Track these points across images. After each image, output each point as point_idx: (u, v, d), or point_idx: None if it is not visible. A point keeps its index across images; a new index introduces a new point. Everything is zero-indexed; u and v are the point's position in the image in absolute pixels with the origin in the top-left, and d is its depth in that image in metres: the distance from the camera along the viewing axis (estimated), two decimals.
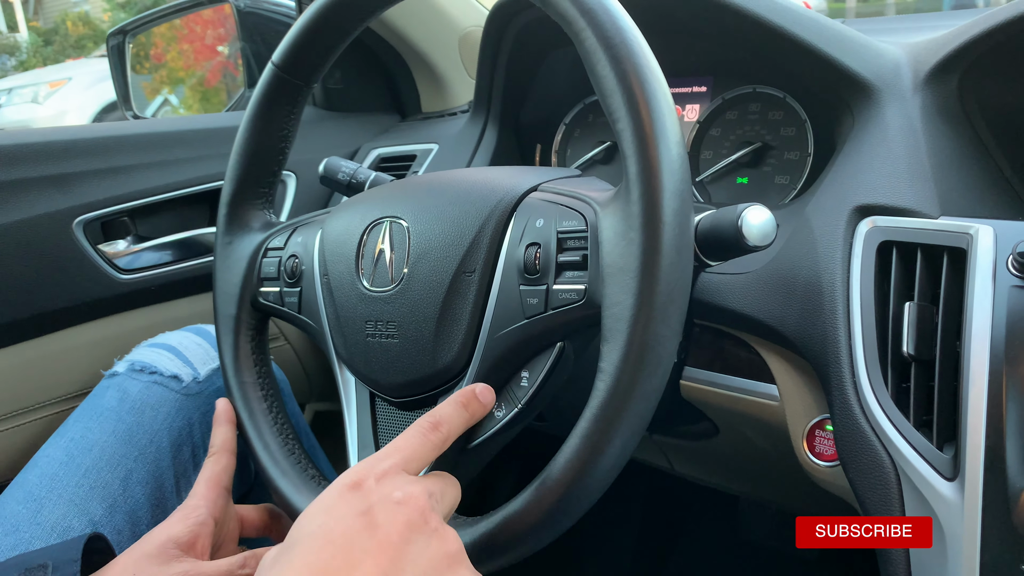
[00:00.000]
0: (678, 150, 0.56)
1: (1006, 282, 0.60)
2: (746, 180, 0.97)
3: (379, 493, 0.51)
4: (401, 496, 0.51)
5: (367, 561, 0.47)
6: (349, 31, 0.79)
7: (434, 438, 0.57)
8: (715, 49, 0.97)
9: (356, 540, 0.48)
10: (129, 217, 1.09)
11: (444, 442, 0.58)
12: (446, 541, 0.51)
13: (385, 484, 0.52)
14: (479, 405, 0.61)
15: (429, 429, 0.57)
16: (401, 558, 0.48)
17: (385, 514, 0.50)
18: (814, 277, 0.72)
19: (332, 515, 0.50)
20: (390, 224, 0.71)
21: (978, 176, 0.73)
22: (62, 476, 0.77)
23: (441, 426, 0.58)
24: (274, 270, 0.81)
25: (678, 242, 0.55)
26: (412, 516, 0.51)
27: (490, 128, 1.15)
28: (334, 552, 0.47)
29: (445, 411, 0.59)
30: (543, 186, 0.68)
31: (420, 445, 0.56)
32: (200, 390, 0.88)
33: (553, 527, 0.58)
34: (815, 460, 0.76)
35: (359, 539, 0.48)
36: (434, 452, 0.57)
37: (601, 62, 0.57)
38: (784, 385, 0.79)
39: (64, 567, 0.61)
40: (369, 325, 0.71)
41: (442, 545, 0.51)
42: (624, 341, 0.54)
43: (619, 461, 0.57)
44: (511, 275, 0.64)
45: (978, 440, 0.57)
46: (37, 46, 15.97)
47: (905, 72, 0.79)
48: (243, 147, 0.83)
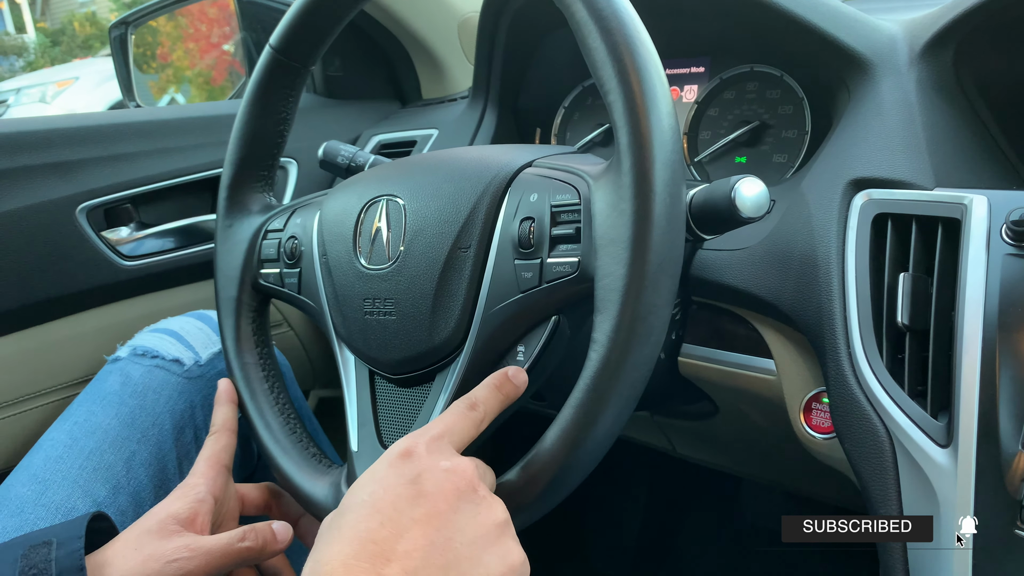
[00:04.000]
0: (669, 121, 0.56)
1: (1000, 251, 0.60)
2: (744, 159, 0.97)
3: (428, 461, 0.52)
4: (449, 465, 0.52)
5: (414, 529, 0.48)
6: (345, 12, 0.79)
7: (473, 416, 0.58)
8: (712, 29, 0.97)
9: (404, 508, 0.49)
10: (132, 204, 1.09)
11: (482, 421, 0.59)
12: (494, 510, 0.52)
13: (434, 453, 0.53)
14: (512, 386, 0.62)
15: (467, 408, 0.59)
16: (448, 526, 0.49)
17: (434, 482, 0.51)
18: (810, 251, 0.72)
19: (382, 484, 0.51)
20: (387, 202, 0.72)
21: (973, 148, 0.73)
22: (66, 458, 0.78)
23: (478, 406, 0.59)
24: (274, 252, 0.82)
25: (669, 212, 0.55)
26: (460, 484, 0.51)
27: (489, 112, 1.16)
28: (382, 520, 0.48)
29: (480, 392, 0.60)
30: (538, 162, 0.68)
31: (461, 420, 0.57)
32: (202, 373, 0.89)
33: (547, 499, 0.58)
34: (812, 433, 0.77)
35: (407, 507, 0.49)
36: (474, 429, 0.58)
37: (592, 34, 0.57)
38: (781, 359, 0.79)
39: (68, 544, 0.62)
40: (367, 303, 0.71)
41: (490, 514, 0.51)
42: (616, 311, 0.55)
43: (613, 430, 0.57)
44: (506, 250, 0.64)
45: (972, 407, 0.57)
46: (45, 47, 16.05)
47: (901, 47, 0.79)
48: (242, 130, 0.84)
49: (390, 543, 0.47)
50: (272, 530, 0.70)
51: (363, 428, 0.72)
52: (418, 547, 0.47)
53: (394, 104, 1.47)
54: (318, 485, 0.72)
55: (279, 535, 0.70)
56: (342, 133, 1.33)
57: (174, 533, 0.66)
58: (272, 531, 0.70)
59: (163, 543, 0.64)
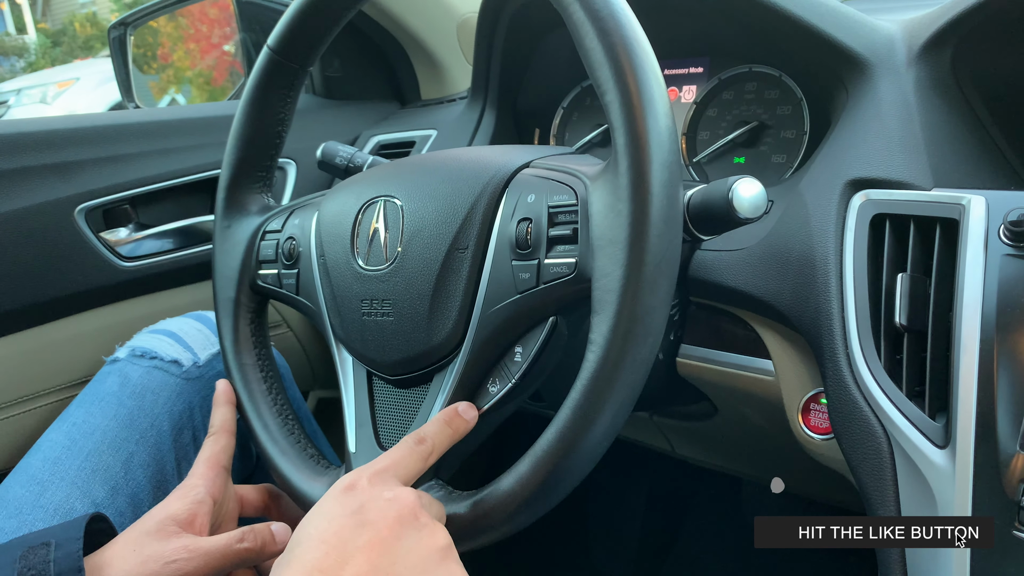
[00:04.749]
0: (666, 122, 0.56)
1: (998, 251, 0.60)
2: (743, 160, 0.96)
3: (371, 492, 0.55)
4: (392, 495, 0.55)
5: (358, 557, 0.50)
6: (343, 13, 0.79)
7: (420, 450, 0.61)
8: (710, 29, 0.97)
9: (348, 538, 0.51)
10: (131, 205, 1.09)
11: (430, 454, 0.62)
12: (436, 536, 0.54)
13: (377, 484, 0.56)
14: (462, 421, 0.64)
15: (415, 442, 0.62)
16: (391, 552, 0.51)
17: (376, 511, 0.53)
18: (808, 251, 0.72)
19: (327, 516, 0.54)
20: (384, 203, 0.72)
21: (972, 148, 0.73)
22: (64, 460, 0.78)
23: (426, 440, 0.62)
24: (272, 252, 0.82)
25: (666, 213, 0.55)
26: (402, 512, 0.54)
27: (488, 113, 1.16)
28: (327, 550, 0.51)
29: (430, 428, 0.63)
30: (535, 163, 0.68)
31: (407, 455, 0.60)
32: (200, 374, 0.89)
33: (545, 499, 0.58)
34: (810, 434, 0.77)
35: (351, 536, 0.51)
36: (421, 462, 0.61)
37: (589, 35, 0.57)
38: (779, 360, 0.79)
39: (66, 545, 0.62)
40: (365, 304, 0.71)
41: (432, 539, 0.54)
42: (613, 312, 0.55)
43: (610, 431, 0.57)
44: (503, 251, 0.64)
45: (969, 407, 0.57)
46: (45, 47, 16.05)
47: (899, 47, 0.79)
48: (240, 131, 0.84)
49: (336, 570, 0.49)
50: (271, 531, 0.70)
51: (361, 429, 0.72)
52: (363, 572, 0.49)
53: (393, 105, 1.47)
54: (316, 486, 0.72)
55: (278, 536, 0.70)
56: (341, 134, 1.33)
57: (173, 534, 0.66)
58: (271, 532, 0.70)
59: (162, 544, 0.64)
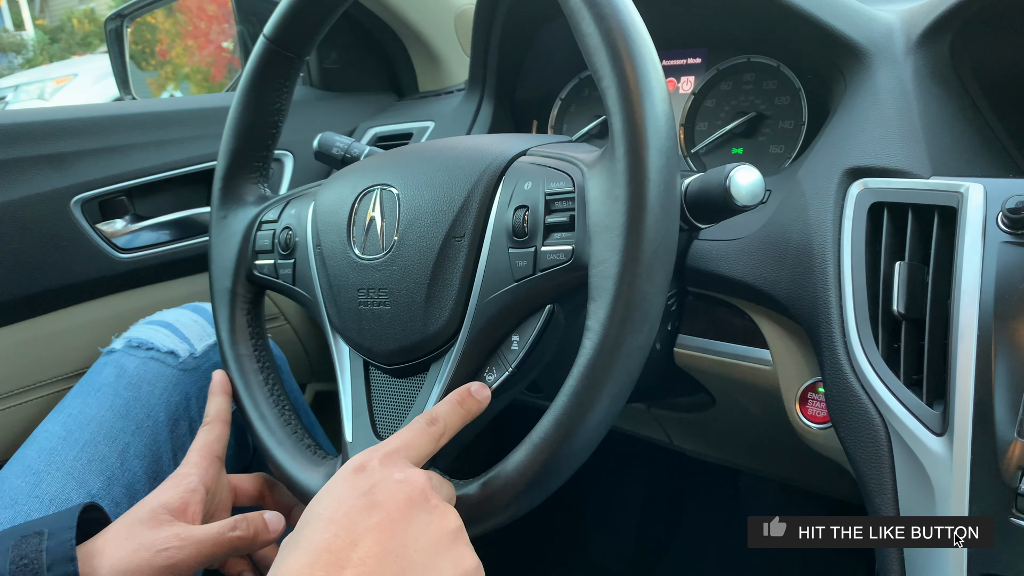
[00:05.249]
0: (663, 107, 0.56)
1: (996, 239, 0.60)
2: (741, 150, 0.96)
3: (381, 473, 0.54)
4: (402, 476, 0.54)
5: (368, 537, 0.49)
6: (340, 2, 0.79)
7: (432, 431, 0.60)
8: (708, 20, 0.97)
9: (358, 518, 0.51)
10: (127, 196, 1.09)
11: (441, 435, 0.60)
12: (447, 518, 0.53)
13: (387, 466, 0.55)
14: (475, 402, 0.63)
15: (427, 423, 0.60)
16: (402, 534, 0.50)
17: (386, 492, 0.52)
18: (806, 240, 0.72)
19: (337, 497, 0.53)
20: (380, 192, 0.72)
21: (970, 137, 0.73)
22: (60, 450, 0.78)
23: (437, 421, 0.61)
24: (268, 243, 0.81)
25: (663, 199, 0.55)
26: (413, 494, 0.53)
27: (485, 105, 1.15)
28: (337, 531, 0.50)
29: (441, 408, 0.62)
30: (532, 150, 0.68)
31: (419, 436, 0.59)
32: (197, 365, 0.88)
33: (543, 486, 0.58)
34: (808, 423, 0.76)
35: (361, 518, 0.51)
36: (433, 443, 0.60)
37: (585, 20, 0.57)
38: (777, 349, 0.79)
39: (59, 534, 0.62)
40: (361, 293, 0.71)
41: (443, 522, 0.53)
42: (610, 299, 0.55)
43: (607, 418, 0.57)
44: (500, 239, 0.64)
45: (967, 395, 0.57)
46: (44, 44, 16.01)
47: (897, 36, 0.79)
48: (236, 121, 0.84)
49: (345, 552, 0.48)
50: (264, 520, 0.70)
51: (358, 419, 0.72)
52: (372, 554, 0.49)
53: (390, 97, 1.46)
54: (312, 475, 0.72)
55: (271, 525, 0.70)
56: (338, 126, 1.32)
57: (165, 523, 0.66)
58: (264, 521, 0.70)
59: (153, 532, 0.64)
